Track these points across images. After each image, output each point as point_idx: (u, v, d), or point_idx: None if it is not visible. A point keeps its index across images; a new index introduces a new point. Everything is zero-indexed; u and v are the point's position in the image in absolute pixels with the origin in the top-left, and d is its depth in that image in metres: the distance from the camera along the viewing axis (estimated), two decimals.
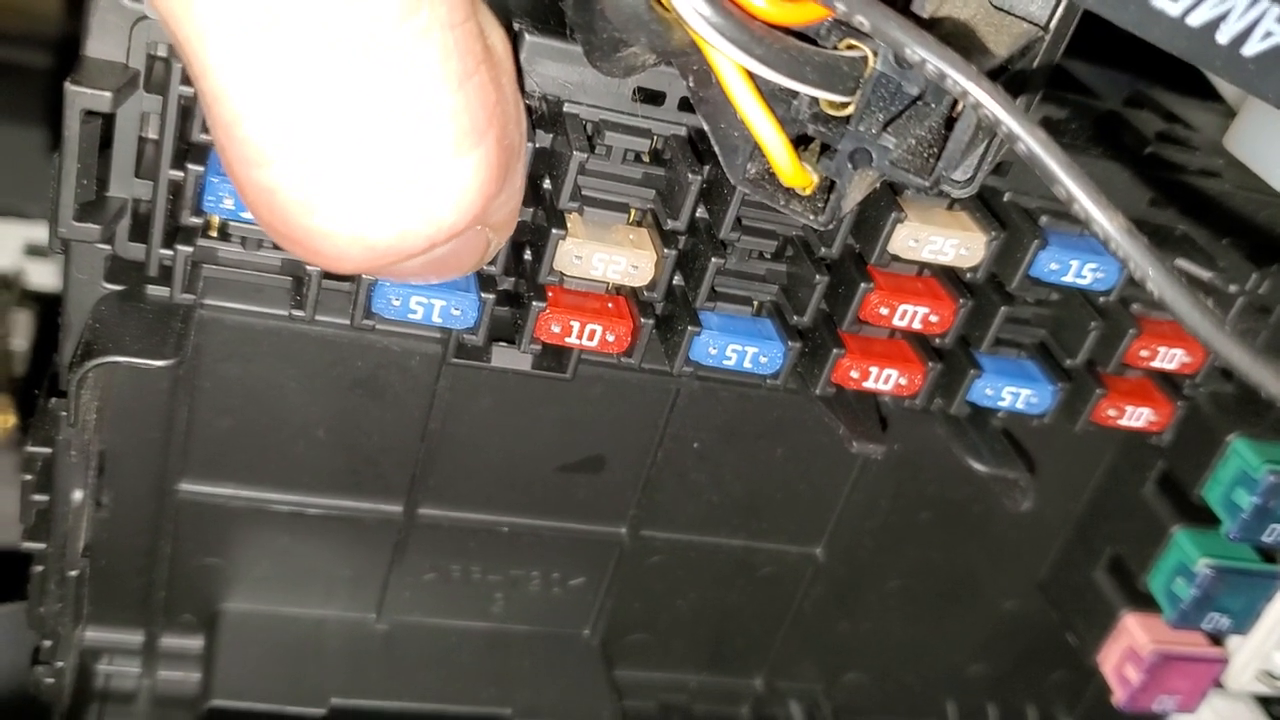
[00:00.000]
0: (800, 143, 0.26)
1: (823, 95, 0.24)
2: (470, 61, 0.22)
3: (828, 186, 0.26)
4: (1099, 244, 0.35)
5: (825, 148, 0.26)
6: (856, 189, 0.26)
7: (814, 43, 0.24)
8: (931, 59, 0.22)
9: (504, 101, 0.24)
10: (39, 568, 0.35)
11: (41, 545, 0.35)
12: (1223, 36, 0.25)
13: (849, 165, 0.25)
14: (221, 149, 0.23)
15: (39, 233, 0.54)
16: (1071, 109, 0.38)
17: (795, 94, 0.25)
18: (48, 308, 0.52)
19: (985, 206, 0.34)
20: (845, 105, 0.25)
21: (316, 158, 0.21)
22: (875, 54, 0.24)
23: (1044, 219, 0.35)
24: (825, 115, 0.25)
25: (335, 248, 0.23)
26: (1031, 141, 0.23)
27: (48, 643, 0.36)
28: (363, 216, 0.22)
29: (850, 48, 0.24)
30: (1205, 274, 0.36)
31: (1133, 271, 0.23)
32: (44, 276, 0.54)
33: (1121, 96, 0.40)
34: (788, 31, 0.24)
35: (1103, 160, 0.35)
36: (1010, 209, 0.35)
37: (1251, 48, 0.25)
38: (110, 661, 0.40)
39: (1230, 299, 0.37)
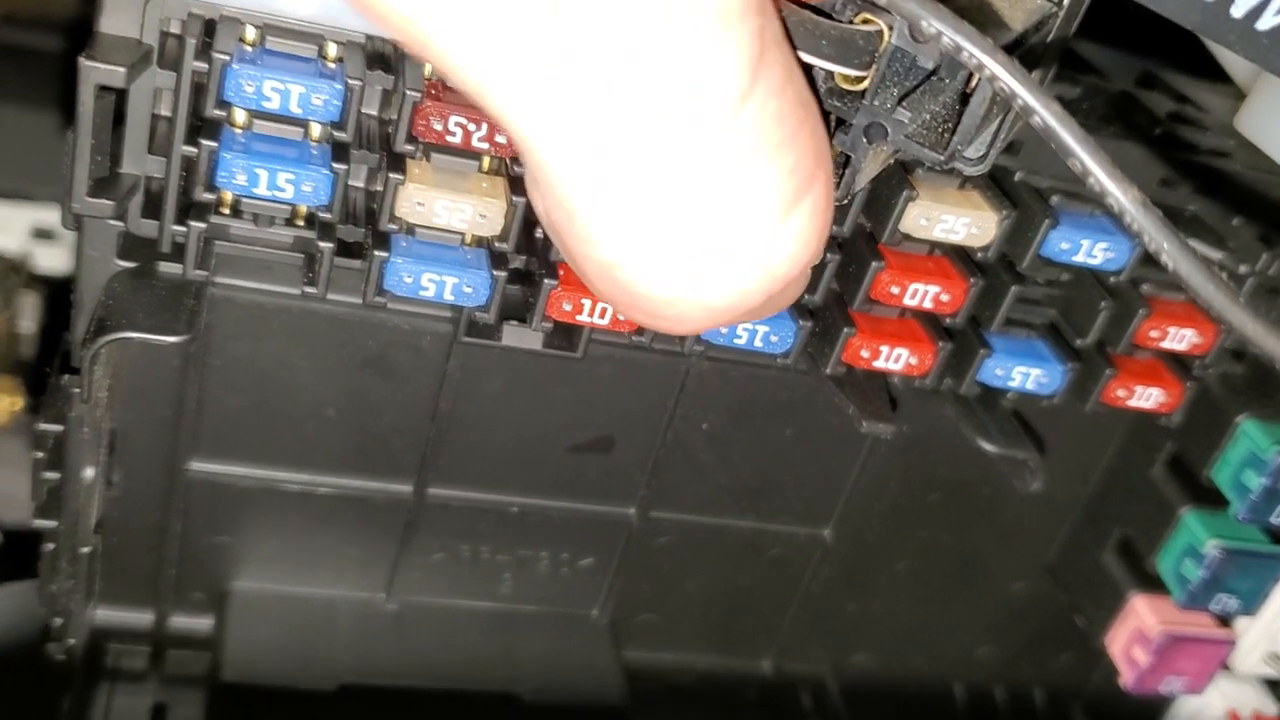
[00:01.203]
0: None
1: (838, 69, 0.24)
2: (799, 114, 0.22)
3: (842, 162, 0.26)
4: (1110, 224, 0.35)
5: (840, 122, 0.26)
6: (871, 164, 0.26)
7: (829, 17, 0.24)
8: (947, 32, 0.22)
9: (823, 137, 0.23)
10: (50, 545, 0.35)
11: (53, 523, 0.35)
12: (1237, 10, 0.25)
13: (864, 140, 0.25)
14: (557, 230, 0.23)
15: (47, 216, 0.54)
16: (1083, 89, 0.38)
17: (810, 68, 0.25)
18: (55, 291, 0.52)
19: (997, 185, 0.34)
20: (860, 80, 0.25)
21: (656, 236, 0.22)
22: (890, 28, 0.24)
23: (1055, 198, 0.35)
24: (840, 90, 0.25)
25: (678, 312, 0.23)
26: (1047, 114, 0.23)
27: (59, 620, 0.36)
28: (703, 284, 0.22)
29: (865, 21, 0.24)
30: (1216, 254, 0.36)
31: (1147, 245, 0.23)
32: (52, 260, 0.54)
33: (1132, 77, 0.40)
34: (803, 5, 0.24)
35: (1114, 140, 0.35)
36: (1021, 188, 0.35)
37: (1266, 22, 0.25)
38: (120, 640, 0.40)
39: (1241, 280, 0.37)
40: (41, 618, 0.37)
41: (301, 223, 0.32)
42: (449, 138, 0.31)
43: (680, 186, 0.21)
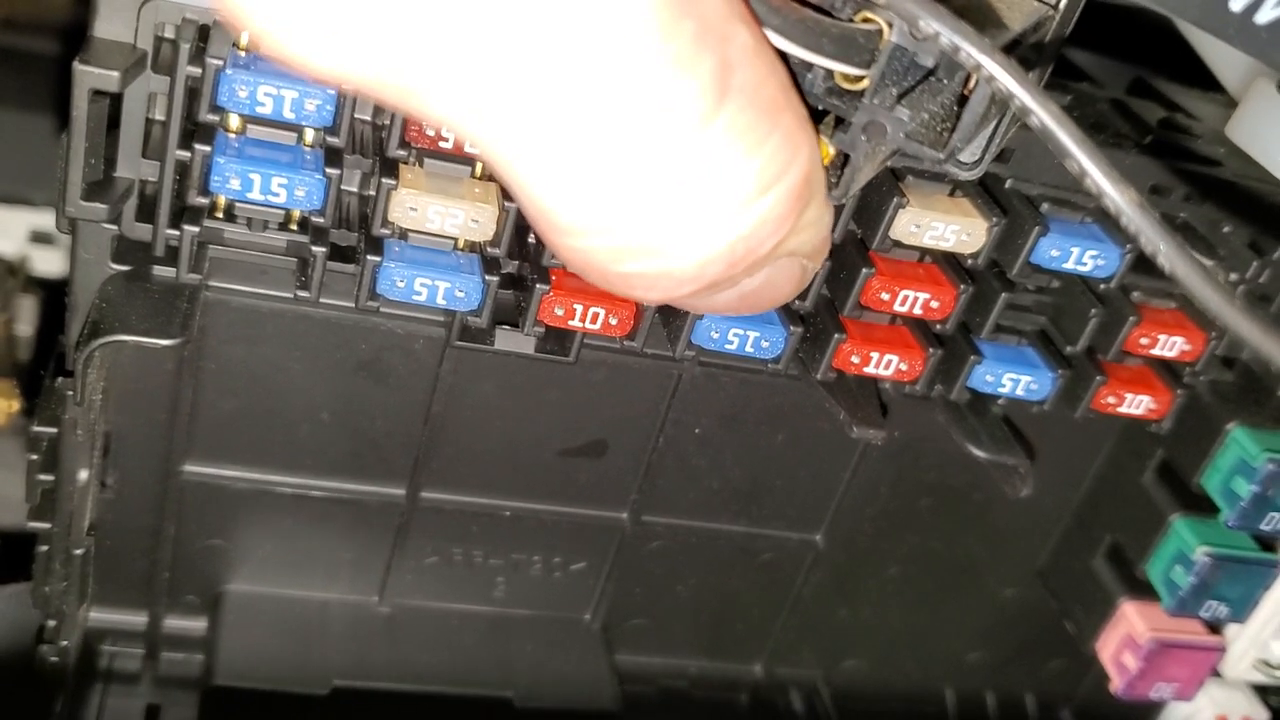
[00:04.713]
0: (814, 118, 0.26)
1: (839, 68, 0.24)
2: (771, 117, 0.23)
3: (841, 162, 0.26)
4: (1100, 231, 0.35)
5: (839, 121, 0.26)
6: (869, 164, 0.26)
7: (829, 15, 0.24)
8: (945, 31, 0.23)
9: (804, 144, 0.24)
10: (44, 547, 0.35)
11: (47, 525, 0.35)
12: (1236, 4, 0.25)
13: (863, 138, 0.25)
14: (529, 218, 0.24)
15: (45, 219, 0.54)
16: (1074, 96, 0.38)
17: (810, 67, 0.25)
18: (52, 294, 0.53)
19: (987, 193, 0.34)
20: (860, 79, 0.25)
21: (626, 223, 0.23)
22: (890, 26, 0.24)
23: (1045, 205, 0.35)
24: (840, 89, 0.25)
25: (646, 284, 0.24)
26: (1044, 115, 0.23)
27: (52, 622, 0.37)
28: (668, 259, 0.23)
29: (865, 20, 0.24)
30: (1206, 262, 0.37)
31: (1144, 247, 0.23)
32: (49, 263, 0.54)
33: (1124, 84, 0.40)
34: (804, 3, 0.24)
35: (1104, 148, 0.35)
36: (1012, 195, 0.35)
37: (1265, 15, 0.25)
38: (114, 642, 0.40)
39: (1231, 287, 0.37)
40: (35, 619, 0.38)
41: (295, 227, 0.33)
42: (442, 143, 0.31)
43: (650, 182, 0.22)
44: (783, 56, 0.24)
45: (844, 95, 0.25)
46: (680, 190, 0.22)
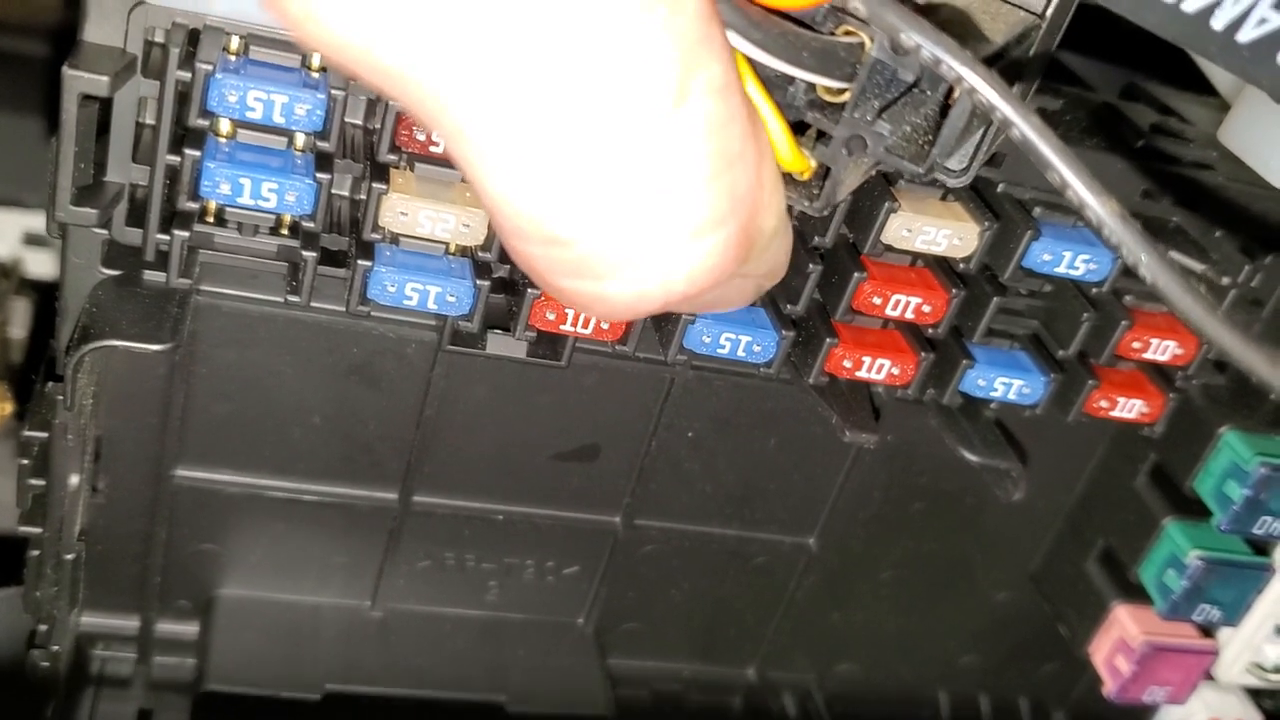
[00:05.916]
0: (795, 130, 0.26)
1: (820, 81, 0.24)
2: (728, 157, 0.23)
3: (823, 173, 0.26)
4: (1092, 235, 0.35)
5: (821, 134, 0.26)
6: (851, 176, 0.26)
7: (810, 28, 0.24)
8: (926, 44, 0.23)
9: (757, 189, 0.24)
10: (35, 552, 0.35)
11: (38, 529, 0.35)
12: (1218, 23, 0.25)
13: (844, 152, 0.25)
14: (489, 213, 0.24)
15: (37, 222, 0.54)
16: (1066, 101, 0.38)
17: (792, 80, 0.25)
18: (46, 296, 0.53)
19: (979, 197, 0.34)
20: (842, 92, 0.25)
21: (572, 241, 0.23)
22: (872, 39, 0.24)
23: (1037, 210, 0.35)
24: (821, 101, 0.25)
25: (583, 304, 0.24)
26: (1025, 127, 0.23)
27: (43, 627, 0.37)
28: (604, 284, 0.23)
29: (847, 33, 0.24)
30: (1198, 266, 0.37)
31: (1125, 258, 0.23)
32: (42, 265, 0.54)
33: (1116, 89, 0.40)
34: (785, 17, 0.24)
35: (1096, 152, 0.36)
36: (1004, 200, 0.35)
37: (1246, 34, 0.25)
38: (106, 647, 0.40)
39: (1223, 291, 0.37)
40: (27, 624, 0.38)
41: (286, 231, 0.33)
42: (432, 147, 0.31)
43: (597, 190, 0.22)
44: (764, 77, 0.24)
45: (825, 108, 0.25)
46: (632, 206, 0.22)
